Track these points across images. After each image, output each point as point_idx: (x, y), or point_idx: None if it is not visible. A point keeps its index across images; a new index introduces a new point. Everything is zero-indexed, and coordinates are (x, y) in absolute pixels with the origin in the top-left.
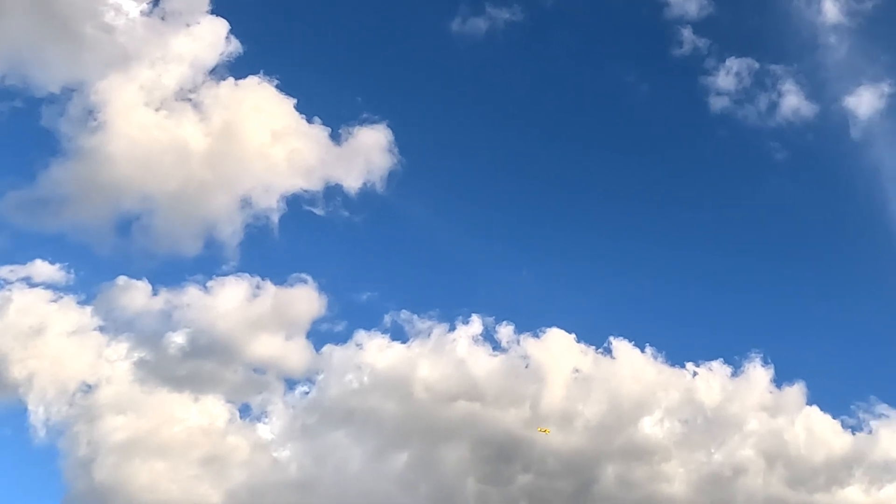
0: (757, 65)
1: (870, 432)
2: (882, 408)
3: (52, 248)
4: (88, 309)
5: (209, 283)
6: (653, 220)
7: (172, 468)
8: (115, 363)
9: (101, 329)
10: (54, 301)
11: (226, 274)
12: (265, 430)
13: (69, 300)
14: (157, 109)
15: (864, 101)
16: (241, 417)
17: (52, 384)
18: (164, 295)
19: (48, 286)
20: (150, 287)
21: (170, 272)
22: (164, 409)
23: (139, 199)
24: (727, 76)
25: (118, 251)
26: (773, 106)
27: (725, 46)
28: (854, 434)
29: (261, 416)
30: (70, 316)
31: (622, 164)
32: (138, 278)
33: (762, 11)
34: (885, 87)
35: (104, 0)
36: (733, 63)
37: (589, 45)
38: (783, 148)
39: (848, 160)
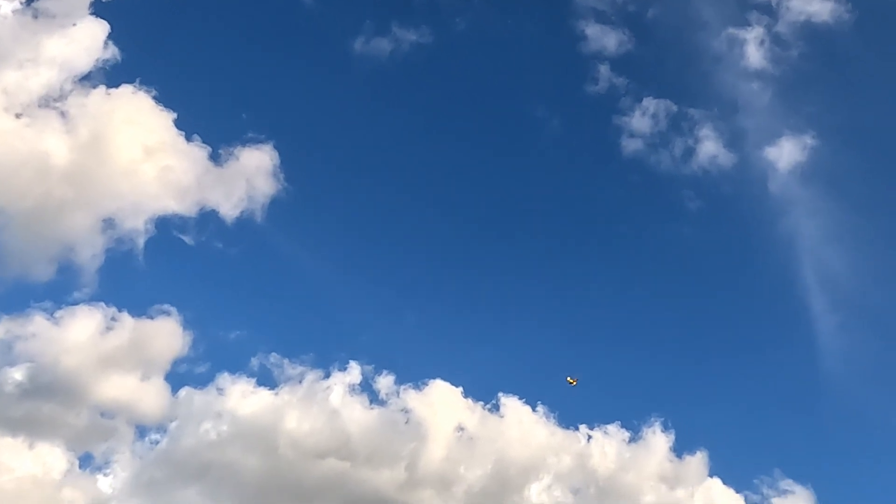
0: (675, 107)
1: None
2: (786, 483)
3: None
4: None
5: (58, 313)
6: (552, 268)
7: None
8: None
9: None
10: None
11: (78, 302)
12: (106, 484)
13: None
14: (17, 116)
15: (784, 153)
16: (80, 468)
17: None
18: (6, 323)
19: None
20: None
21: (15, 298)
22: None
23: None
24: (643, 117)
25: None
26: (690, 152)
27: (643, 86)
28: None
29: (103, 466)
30: None
31: (524, 205)
32: None
33: (683, 52)
34: (808, 139)
35: None
36: (650, 104)
37: (499, 73)
38: (697, 197)
39: (764, 215)
